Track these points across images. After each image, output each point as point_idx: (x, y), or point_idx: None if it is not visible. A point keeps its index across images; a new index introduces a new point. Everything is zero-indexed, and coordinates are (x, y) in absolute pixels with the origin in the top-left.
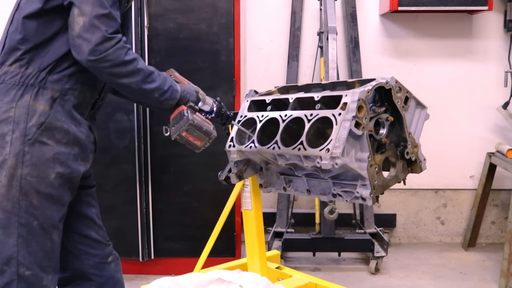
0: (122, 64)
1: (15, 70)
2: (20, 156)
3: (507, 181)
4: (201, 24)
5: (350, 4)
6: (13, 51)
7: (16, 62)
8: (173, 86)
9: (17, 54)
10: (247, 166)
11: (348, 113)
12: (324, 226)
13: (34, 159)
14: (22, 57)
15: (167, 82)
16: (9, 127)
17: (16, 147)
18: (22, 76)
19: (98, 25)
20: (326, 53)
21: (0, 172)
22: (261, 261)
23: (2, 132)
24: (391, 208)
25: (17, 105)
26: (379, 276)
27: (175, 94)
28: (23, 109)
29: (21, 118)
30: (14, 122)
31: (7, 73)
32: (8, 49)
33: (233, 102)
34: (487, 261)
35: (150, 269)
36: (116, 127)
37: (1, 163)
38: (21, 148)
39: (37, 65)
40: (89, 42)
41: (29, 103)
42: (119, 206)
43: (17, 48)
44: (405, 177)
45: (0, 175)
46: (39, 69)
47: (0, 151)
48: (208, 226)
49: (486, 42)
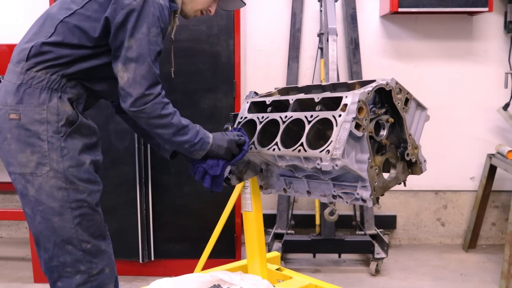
0: (158, 117)
1: (41, 76)
2: (59, 151)
3: (507, 183)
4: (201, 25)
5: (350, 5)
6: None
7: (43, 69)
8: (204, 138)
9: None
10: (247, 168)
11: (348, 115)
12: (324, 227)
13: (71, 152)
14: (50, 66)
15: (198, 135)
16: (43, 127)
17: (53, 143)
18: (48, 82)
19: (139, 81)
20: (326, 55)
21: (43, 167)
22: (261, 263)
23: (37, 131)
24: (392, 209)
25: (48, 107)
26: (379, 277)
27: (205, 146)
28: (54, 110)
29: (53, 118)
30: (47, 122)
31: (34, 78)
32: (37, 57)
33: (233, 104)
34: (488, 263)
35: (150, 271)
36: (116, 128)
37: (42, 159)
38: (58, 144)
39: (60, 73)
40: (131, 96)
41: (57, 105)
42: (119, 207)
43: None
44: (406, 178)
45: (44, 170)
46: (61, 76)
47: (38, 148)
48: (208, 228)
49: (486, 44)
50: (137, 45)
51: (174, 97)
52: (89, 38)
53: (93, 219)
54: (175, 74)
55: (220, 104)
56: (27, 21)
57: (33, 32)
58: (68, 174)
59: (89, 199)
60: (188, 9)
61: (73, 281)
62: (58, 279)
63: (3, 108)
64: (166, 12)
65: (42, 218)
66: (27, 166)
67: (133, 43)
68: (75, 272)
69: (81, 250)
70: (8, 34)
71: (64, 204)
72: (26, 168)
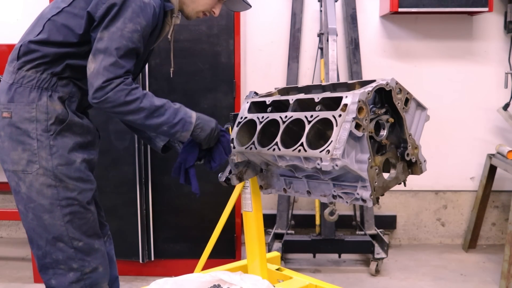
0: (124, 104)
1: (31, 75)
2: (48, 149)
3: (507, 183)
4: (201, 25)
5: (350, 5)
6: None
7: (32, 68)
8: (185, 118)
9: (35, 62)
10: (247, 168)
11: (348, 115)
12: (324, 227)
13: (60, 150)
14: (38, 65)
15: (178, 114)
16: (32, 125)
17: (42, 142)
18: (38, 81)
19: (102, 72)
20: (326, 55)
21: (33, 165)
22: (261, 263)
23: (27, 130)
24: (392, 209)
25: (37, 106)
26: (379, 277)
27: (187, 126)
28: (43, 109)
29: (42, 117)
30: (36, 120)
31: (24, 77)
32: (25, 55)
33: (233, 104)
34: (488, 263)
35: (150, 271)
36: (116, 128)
37: (32, 157)
38: (47, 142)
39: (50, 72)
40: (92, 87)
41: (47, 104)
42: (119, 208)
43: (36, 58)
44: (406, 178)
45: (34, 167)
46: (51, 75)
47: (28, 146)
48: (208, 228)
49: (486, 44)
50: (108, 37)
51: (174, 97)
52: (74, 34)
53: (85, 217)
54: (175, 74)
55: (220, 104)
56: (27, 21)
57: (26, 32)
58: (57, 172)
59: (79, 197)
60: (189, 10)
61: (66, 278)
62: (52, 277)
63: None
64: (152, 11)
65: (33, 215)
66: (18, 163)
67: (105, 35)
68: (68, 270)
69: (72, 247)
70: (8, 34)
71: (53, 201)
72: (18, 165)
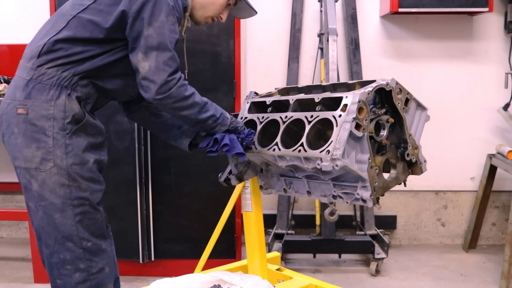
0: (184, 99)
1: (52, 72)
2: (63, 148)
3: (507, 183)
4: (201, 25)
5: (350, 5)
6: (55, 58)
7: (55, 67)
8: (224, 113)
9: (58, 61)
10: (248, 168)
11: (348, 115)
12: (324, 227)
13: (75, 150)
14: (62, 64)
15: (218, 109)
16: (49, 123)
17: (58, 140)
18: (59, 79)
19: (162, 67)
20: (327, 55)
21: (47, 163)
22: (261, 263)
23: (43, 127)
24: (392, 209)
25: (55, 104)
26: (380, 278)
27: (225, 121)
28: (61, 107)
29: (59, 115)
30: (53, 118)
31: (44, 74)
32: (48, 54)
33: (233, 104)
34: (488, 263)
35: (150, 271)
36: (116, 128)
37: (46, 155)
38: (63, 141)
39: (72, 71)
40: (155, 83)
41: (65, 103)
42: (119, 208)
43: (60, 57)
44: (406, 178)
45: (47, 165)
46: (73, 74)
47: (43, 144)
48: (209, 228)
49: (487, 44)
50: (157, 33)
51: None
52: (101, 30)
53: (94, 217)
54: None
55: (220, 104)
56: (27, 21)
57: (46, 30)
58: (71, 171)
59: (91, 197)
60: (198, 15)
61: (73, 279)
62: (58, 277)
63: (12, 103)
64: (180, 3)
65: (44, 214)
66: (32, 161)
67: (152, 32)
68: (74, 270)
69: (81, 248)
70: (8, 34)
71: (66, 201)
72: (31, 163)
